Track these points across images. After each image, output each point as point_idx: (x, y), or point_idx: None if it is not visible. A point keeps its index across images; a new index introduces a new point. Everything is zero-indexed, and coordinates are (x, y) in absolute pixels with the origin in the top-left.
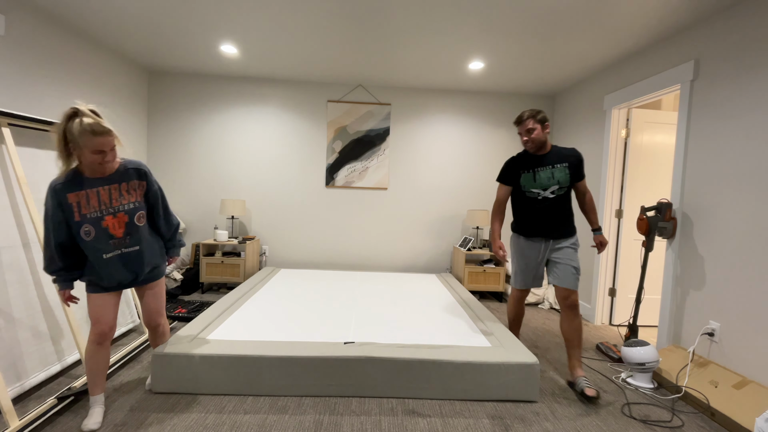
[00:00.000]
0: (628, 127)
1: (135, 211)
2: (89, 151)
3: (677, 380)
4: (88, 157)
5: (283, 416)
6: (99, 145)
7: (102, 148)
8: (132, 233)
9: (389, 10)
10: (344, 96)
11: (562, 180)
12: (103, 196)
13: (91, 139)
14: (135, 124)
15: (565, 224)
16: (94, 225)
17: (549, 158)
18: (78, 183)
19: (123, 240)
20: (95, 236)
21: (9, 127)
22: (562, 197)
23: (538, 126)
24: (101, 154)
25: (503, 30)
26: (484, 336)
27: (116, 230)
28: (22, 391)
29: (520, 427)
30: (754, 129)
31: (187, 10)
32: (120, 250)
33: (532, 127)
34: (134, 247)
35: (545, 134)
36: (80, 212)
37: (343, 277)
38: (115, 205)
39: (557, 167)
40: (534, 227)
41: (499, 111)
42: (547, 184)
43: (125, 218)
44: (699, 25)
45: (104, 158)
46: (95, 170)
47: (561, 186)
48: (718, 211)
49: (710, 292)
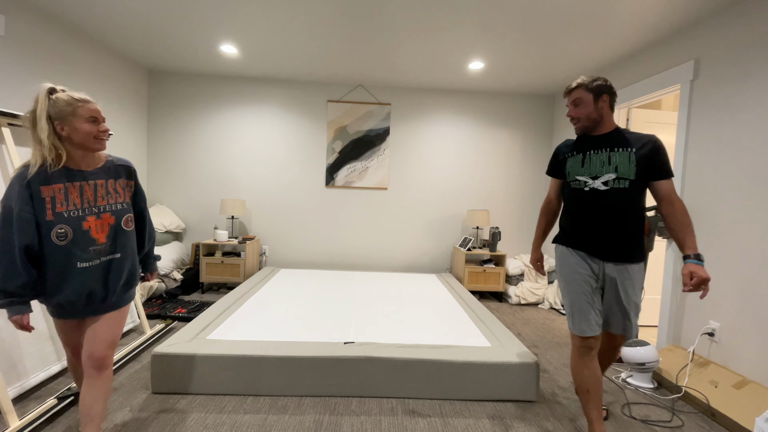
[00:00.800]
0: (628, 127)
1: (123, 213)
2: (83, 121)
3: (677, 380)
4: (82, 129)
5: (283, 416)
6: (94, 111)
7: (97, 114)
8: (117, 239)
9: (389, 10)
10: (344, 96)
11: (623, 169)
12: (87, 192)
13: (83, 105)
14: (135, 124)
15: (627, 239)
16: (73, 226)
17: (609, 139)
18: (56, 174)
19: (105, 246)
20: (72, 240)
21: (9, 127)
22: (622, 196)
23: (589, 97)
24: (97, 124)
25: (503, 30)
26: (484, 336)
27: (99, 234)
28: (22, 391)
29: (520, 427)
30: (754, 129)
31: (187, 10)
32: (99, 258)
33: (579, 97)
34: (116, 254)
35: (601, 110)
36: (54, 210)
37: (343, 277)
38: (100, 204)
39: (618, 151)
40: (580, 233)
41: (499, 111)
42: (600, 170)
43: (111, 220)
44: (699, 25)
45: (100, 128)
46: (90, 145)
47: (620, 177)
48: (718, 211)
49: (710, 292)
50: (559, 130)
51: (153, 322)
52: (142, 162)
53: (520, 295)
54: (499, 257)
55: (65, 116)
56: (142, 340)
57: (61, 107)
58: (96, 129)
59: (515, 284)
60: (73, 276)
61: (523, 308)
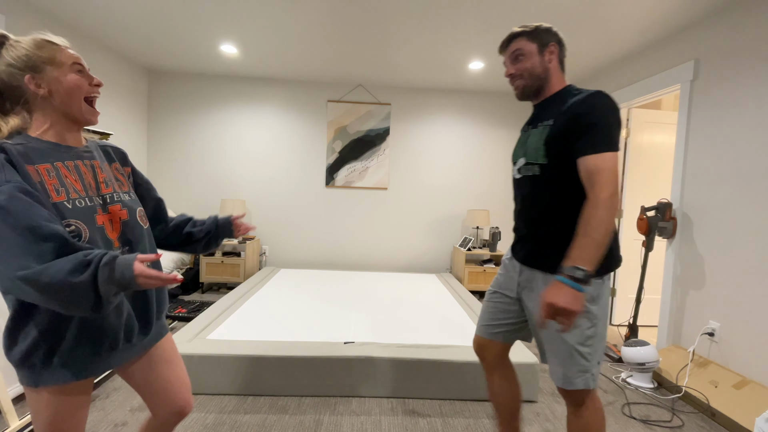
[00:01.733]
0: (628, 127)
1: (135, 205)
2: (68, 70)
3: (677, 380)
4: (69, 81)
5: (283, 416)
6: (76, 57)
7: (81, 62)
8: (135, 240)
9: (389, 10)
10: (344, 96)
11: (531, 151)
12: (87, 175)
13: (60, 49)
14: (135, 124)
15: (539, 240)
16: (85, 220)
17: (544, 107)
18: (38, 151)
19: (122, 253)
20: (89, 242)
21: None
22: (534, 185)
23: (533, 47)
24: (85, 76)
25: (503, 30)
26: None
27: (112, 234)
28: (22, 391)
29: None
30: (754, 129)
31: (187, 10)
32: None
33: (520, 48)
34: None
35: (547, 64)
36: (49, 200)
37: (343, 277)
38: (105, 192)
39: (539, 126)
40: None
41: (499, 111)
42: (518, 153)
43: (123, 215)
44: (699, 25)
45: (92, 80)
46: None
47: (529, 162)
48: (718, 211)
49: (710, 292)
50: None
51: None
52: (142, 162)
53: None
54: (499, 257)
55: (39, 64)
56: None
57: (30, 52)
58: (88, 81)
59: None
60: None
61: None
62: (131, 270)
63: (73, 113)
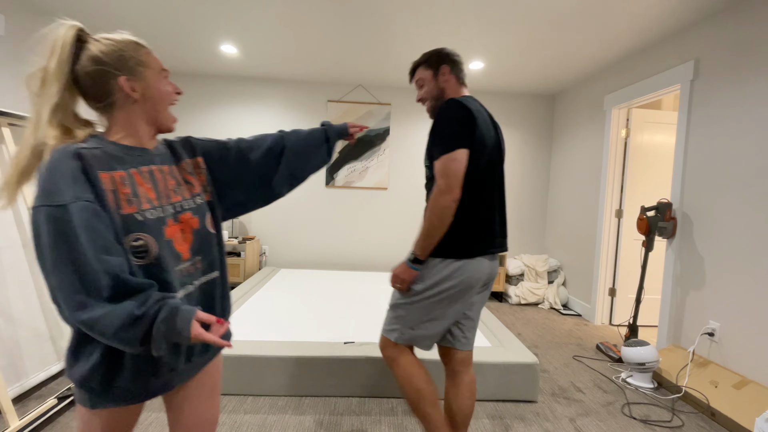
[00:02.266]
0: (628, 127)
1: (204, 210)
2: (158, 75)
3: (677, 380)
4: (161, 88)
5: (283, 416)
6: (161, 63)
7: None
8: (206, 250)
9: (389, 10)
10: (344, 96)
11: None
12: (160, 181)
13: (150, 53)
14: None
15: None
16: (155, 234)
17: None
18: (115, 157)
19: (191, 264)
20: (157, 257)
21: (9, 127)
22: (428, 184)
23: (429, 74)
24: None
25: (503, 30)
26: (484, 336)
27: (181, 246)
28: (22, 391)
29: (520, 427)
30: (754, 129)
31: (187, 10)
32: (192, 282)
33: (421, 77)
34: (213, 274)
35: (442, 84)
36: (120, 210)
37: (343, 277)
38: (175, 201)
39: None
40: None
41: (500, 111)
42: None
43: (194, 223)
44: (699, 25)
45: (177, 88)
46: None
47: (425, 165)
48: (718, 211)
49: (710, 292)
50: (559, 130)
51: None
52: None
53: (520, 295)
54: (499, 257)
55: (134, 66)
56: None
57: (125, 52)
58: (174, 87)
59: (515, 284)
60: None
61: (523, 308)
62: (188, 331)
63: (159, 119)
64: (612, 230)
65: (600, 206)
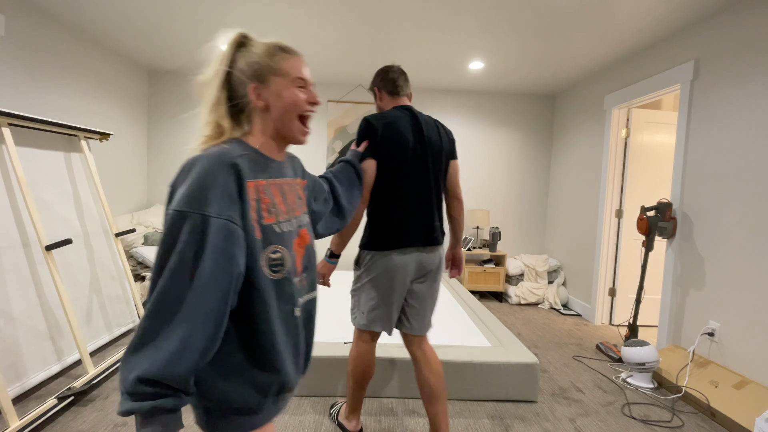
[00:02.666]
0: (628, 127)
1: (311, 227)
2: (289, 83)
3: (677, 380)
4: (286, 97)
5: (283, 416)
6: (301, 71)
7: (305, 75)
8: (311, 267)
9: (389, 10)
10: (344, 96)
11: None
12: (288, 195)
13: (289, 59)
14: (135, 124)
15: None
16: (288, 247)
17: None
18: (258, 165)
19: (301, 280)
20: (289, 271)
21: (9, 127)
22: None
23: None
24: (305, 92)
25: (503, 30)
26: (485, 336)
27: (298, 261)
28: (22, 391)
29: (520, 427)
30: (754, 129)
31: (187, 10)
32: (302, 297)
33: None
34: (314, 293)
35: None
36: (261, 221)
37: (343, 276)
38: (297, 215)
39: None
40: None
41: (499, 111)
42: None
43: (308, 238)
44: (699, 25)
45: (312, 98)
46: (294, 128)
47: None
48: (718, 211)
49: (710, 292)
50: (559, 130)
51: None
52: (142, 162)
53: (520, 295)
54: (499, 257)
55: (265, 74)
56: None
57: (260, 59)
58: (305, 100)
59: (515, 284)
60: (291, 333)
61: (523, 308)
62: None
63: (284, 130)
64: (612, 230)
65: (600, 206)
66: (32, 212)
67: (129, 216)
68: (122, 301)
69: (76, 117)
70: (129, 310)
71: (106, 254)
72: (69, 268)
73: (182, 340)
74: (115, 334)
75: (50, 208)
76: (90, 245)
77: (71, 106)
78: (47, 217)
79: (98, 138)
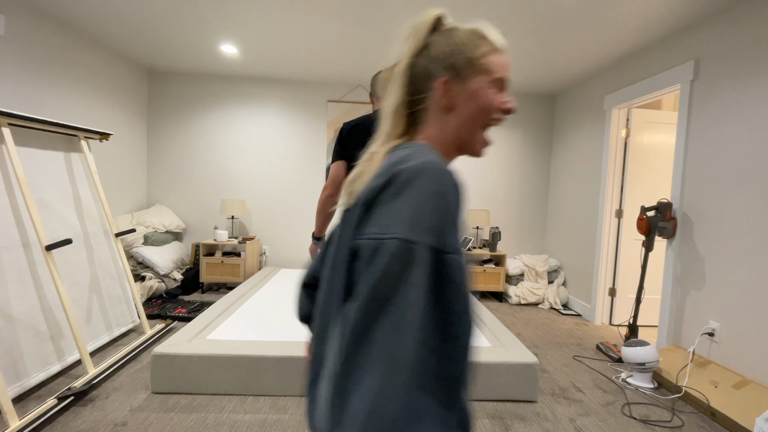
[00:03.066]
0: (628, 127)
1: None
2: (487, 80)
3: (677, 380)
4: (479, 100)
5: (283, 416)
6: (508, 70)
7: (507, 75)
8: None
9: (389, 10)
10: (344, 96)
11: None
12: None
13: (495, 52)
14: (135, 124)
15: None
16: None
17: None
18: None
19: None
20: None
21: (9, 127)
22: None
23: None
24: (505, 96)
25: (503, 30)
26: (484, 336)
27: None
28: (22, 391)
29: (520, 427)
30: (754, 129)
31: (187, 10)
32: None
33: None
34: None
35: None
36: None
37: None
38: None
39: None
40: None
41: None
42: None
43: None
44: (699, 25)
45: (505, 103)
46: (471, 136)
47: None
48: (718, 211)
49: (710, 292)
50: (559, 129)
51: (153, 322)
52: (142, 162)
53: (520, 295)
54: (499, 257)
55: (464, 67)
56: (142, 340)
57: (461, 46)
58: (499, 105)
59: (515, 284)
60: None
61: (523, 308)
62: None
63: (466, 138)
64: (612, 230)
65: (600, 206)
66: (32, 212)
67: (129, 216)
68: (122, 301)
69: (76, 117)
70: (129, 310)
71: (106, 254)
72: (69, 268)
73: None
74: (115, 334)
75: (50, 208)
76: (90, 245)
77: (71, 106)
78: (47, 217)
79: (98, 138)
